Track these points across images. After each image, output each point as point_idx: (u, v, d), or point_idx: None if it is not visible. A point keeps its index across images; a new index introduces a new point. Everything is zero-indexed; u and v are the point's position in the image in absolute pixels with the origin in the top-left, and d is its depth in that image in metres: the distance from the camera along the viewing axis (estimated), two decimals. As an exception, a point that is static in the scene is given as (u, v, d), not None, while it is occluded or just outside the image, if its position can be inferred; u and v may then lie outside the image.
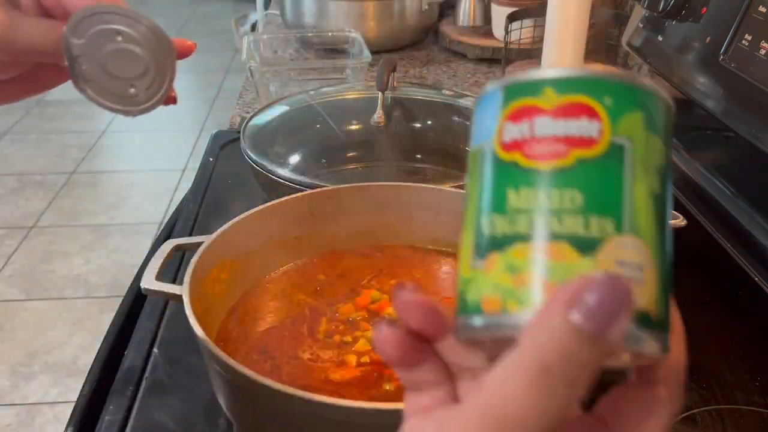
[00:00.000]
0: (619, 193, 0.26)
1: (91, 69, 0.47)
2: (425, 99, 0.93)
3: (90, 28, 0.46)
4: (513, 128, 0.26)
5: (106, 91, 0.48)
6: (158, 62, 0.47)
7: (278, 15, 1.55)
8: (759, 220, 0.79)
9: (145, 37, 0.47)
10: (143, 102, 0.48)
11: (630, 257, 0.26)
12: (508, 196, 0.26)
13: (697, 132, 0.97)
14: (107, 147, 3.22)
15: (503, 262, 0.25)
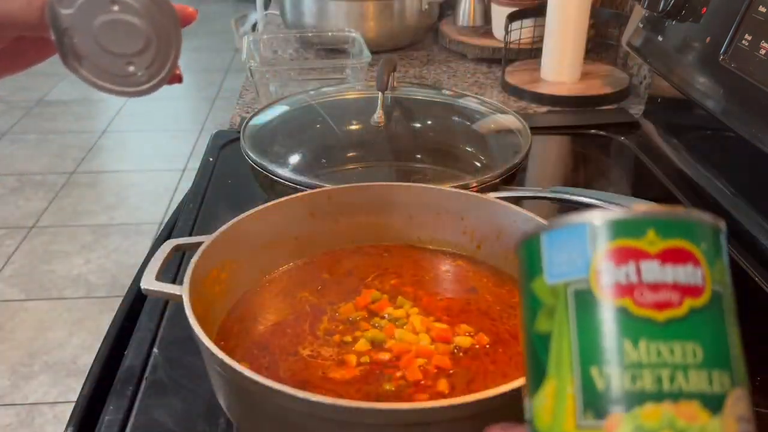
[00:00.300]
0: (727, 344, 0.26)
1: (82, 43, 0.41)
2: (425, 99, 0.93)
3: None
4: (616, 270, 0.25)
5: (101, 69, 0.43)
6: (160, 36, 0.42)
7: (278, 15, 1.55)
8: (759, 220, 0.79)
9: (144, 6, 0.41)
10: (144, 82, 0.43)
11: (745, 411, 0.26)
12: (624, 348, 0.24)
13: (697, 132, 0.97)
14: (107, 147, 3.22)
15: (631, 424, 0.23)
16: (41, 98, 3.67)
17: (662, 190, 0.90)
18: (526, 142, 0.80)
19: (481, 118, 0.88)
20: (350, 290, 0.61)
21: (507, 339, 0.55)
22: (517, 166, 0.77)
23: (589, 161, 1.03)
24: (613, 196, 0.70)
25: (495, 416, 0.44)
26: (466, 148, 0.84)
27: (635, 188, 0.94)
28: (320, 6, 1.36)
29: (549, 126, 1.07)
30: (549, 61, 1.20)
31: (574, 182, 0.95)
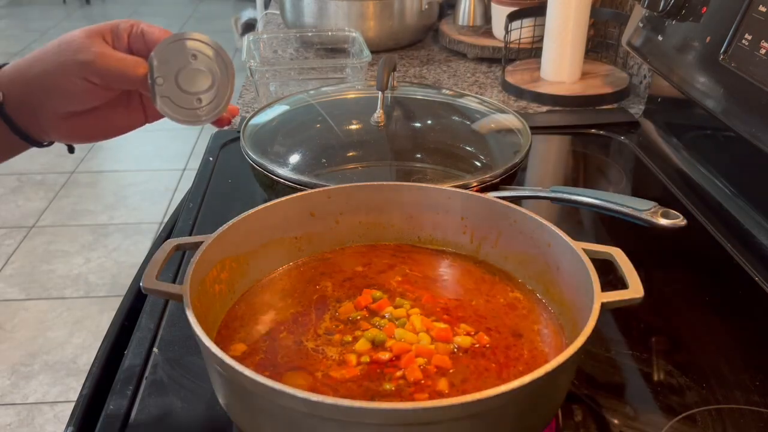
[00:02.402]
0: None
1: (167, 85, 0.54)
2: (425, 99, 0.93)
3: (170, 52, 0.55)
4: None
5: (177, 105, 0.55)
6: (221, 81, 0.56)
7: (278, 15, 1.55)
8: (759, 220, 0.79)
9: (214, 59, 0.56)
10: (204, 115, 0.55)
11: None
12: None
13: (697, 132, 0.97)
14: (107, 147, 3.22)
15: None
16: (41, 98, 3.67)
17: (662, 190, 0.90)
18: (526, 141, 0.80)
19: (481, 118, 0.88)
20: (350, 290, 0.61)
21: (507, 338, 0.55)
22: (517, 166, 0.77)
23: (589, 161, 1.03)
24: (613, 196, 0.70)
25: (495, 416, 0.44)
26: (466, 148, 0.84)
27: (635, 188, 0.94)
28: (320, 6, 1.36)
29: (549, 126, 1.07)
30: (549, 61, 1.20)
31: (574, 182, 0.95)
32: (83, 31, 0.55)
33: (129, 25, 0.57)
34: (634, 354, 0.61)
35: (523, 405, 0.45)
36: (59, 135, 0.59)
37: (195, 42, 0.55)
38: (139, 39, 0.56)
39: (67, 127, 0.58)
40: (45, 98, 0.55)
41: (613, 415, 0.54)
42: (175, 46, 0.54)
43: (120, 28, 0.57)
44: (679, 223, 0.65)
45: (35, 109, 0.56)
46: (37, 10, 5.25)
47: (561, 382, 0.48)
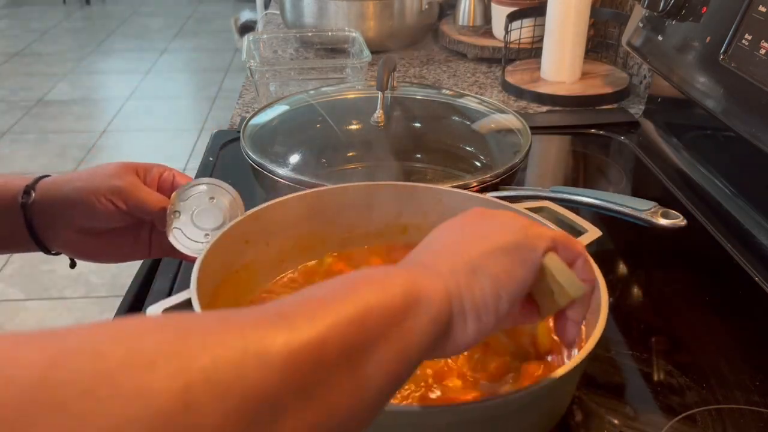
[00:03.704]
0: None
1: (183, 219, 0.60)
2: (425, 99, 0.93)
3: (192, 193, 0.61)
4: None
5: (187, 237, 0.59)
6: (231, 218, 0.60)
7: (278, 15, 1.55)
8: (759, 220, 0.79)
9: (228, 204, 0.61)
10: (202, 249, 0.57)
11: None
12: None
13: (697, 132, 0.97)
14: (107, 147, 3.22)
15: None
16: (41, 98, 3.67)
17: (662, 190, 0.90)
18: (526, 141, 0.80)
19: (481, 118, 0.88)
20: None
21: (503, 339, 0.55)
22: (517, 166, 0.77)
23: (589, 161, 1.03)
24: (613, 196, 0.70)
25: (501, 421, 0.44)
26: (466, 148, 0.84)
27: (635, 188, 0.94)
28: (320, 6, 1.36)
29: (549, 126, 1.07)
30: (549, 61, 1.20)
31: (574, 182, 0.95)
32: (120, 163, 0.62)
33: (163, 169, 0.64)
34: (634, 354, 0.61)
35: (530, 409, 0.45)
36: (68, 248, 0.63)
37: (215, 187, 0.62)
38: (167, 181, 0.63)
39: (78, 242, 0.62)
40: (69, 211, 0.60)
41: (613, 415, 0.54)
42: (197, 188, 0.61)
43: (154, 169, 0.64)
44: (679, 223, 0.65)
45: (56, 219, 0.61)
46: (37, 10, 5.25)
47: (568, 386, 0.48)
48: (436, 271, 0.37)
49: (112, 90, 3.91)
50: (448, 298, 0.37)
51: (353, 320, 0.31)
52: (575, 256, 0.43)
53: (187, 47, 4.56)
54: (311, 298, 0.32)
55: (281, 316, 0.30)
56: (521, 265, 0.40)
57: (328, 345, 0.30)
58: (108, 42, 4.64)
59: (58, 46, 4.54)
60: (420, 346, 0.34)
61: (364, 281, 0.34)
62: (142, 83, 3.94)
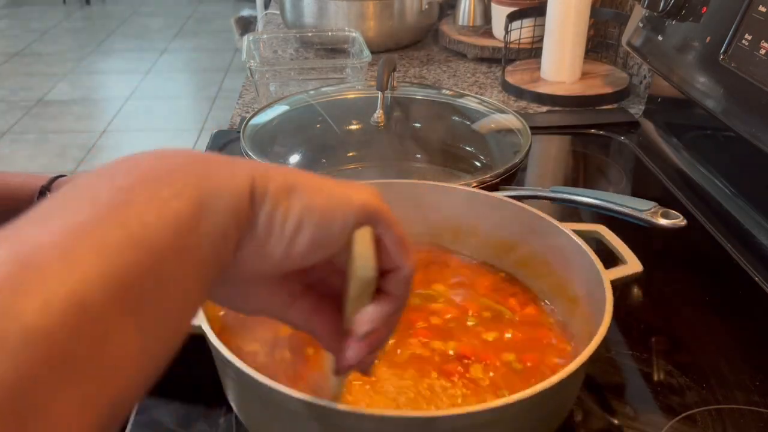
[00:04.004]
0: None
1: None
2: (425, 99, 0.93)
3: None
4: None
5: None
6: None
7: (278, 15, 1.55)
8: (759, 220, 0.79)
9: None
10: None
11: None
12: None
13: (697, 132, 0.97)
14: (107, 147, 3.22)
15: None
16: (41, 98, 3.67)
17: (662, 190, 0.90)
18: (526, 141, 0.80)
19: (481, 118, 0.88)
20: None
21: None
22: (517, 166, 0.77)
23: (589, 161, 1.03)
24: (613, 196, 0.70)
25: (506, 423, 0.44)
26: (466, 148, 0.84)
27: (635, 188, 0.94)
28: (320, 6, 1.36)
29: (549, 126, 1.07)
30: (549, 61, 1.20)
31: (574, 182, 0.95)
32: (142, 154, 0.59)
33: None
34: (634, 354, 0.61)
35: (533, 413, 0.45)
36: None
37: None
38: None
39: None
40: None
41: (613, 415, 0.54)
42: None
43: None
44: (679, 223, 0.65)
45: None
46: (37, 10, 5.25)
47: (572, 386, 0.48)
48: (249, 165, 0.32)
49: (112, 90, 3.91)
50: (252, 192, 0.31)
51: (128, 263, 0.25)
52: (399, 261, 0.37)
53: (187, 47, 4.56)
54: (64, 229, 0.25)
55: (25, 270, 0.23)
56: (339, 213, 0.34)
57: (128, 273, 0.25)
58: (108, 42, 4.65)
59: (58, 46, 4.54)
60: (218, 247, 0.29)
61: (153, 182, 0.28)
62: (142, 83, 3.94)
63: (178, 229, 0.27)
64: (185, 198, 0.28)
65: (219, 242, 0.30)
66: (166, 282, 0.27)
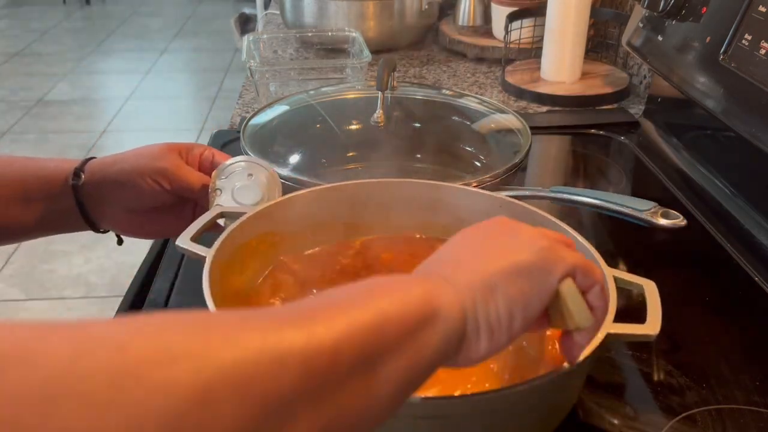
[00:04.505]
0: None
1: (224, 197, 0.62)
2: (425, 99, 0.93)
3: (232, 171, 0.63)
4: None
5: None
6: (269, 197, 0.62)
7: (278, 15, 1.55)
8: (759, 220, 0.79)
9: (266, 178, 0.64)
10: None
11: None
12: None
13: (697, 132, 0.97)
14: (107, 147, 3.22)
15: None
16: (41, 98, 3.67)
17: (662, 190, 0.90)
18: (526, 141, 0.80)
19: (481, 118, 0.88)
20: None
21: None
22: (517, 166, 0.77)
23: (589, 161, 1.03)
24: (613, 196, 0.70)
25: (494, 416, 0.44)
26: (466, 148, 0.84)
27: (635, 188, 0.94)
28: (320, 6, 1.36)
29: (549, 126, 1.07)
30: (549, 61, 1.20)
31: (574, 182, 0.95)
32: (164, 144, 0.65)
33: (203, 148, 0.67)
34: (634, 354, 0.61)
35: (523, 409, 0.45)
36: (116, 226, 0.67)
37: (253, 164, 0.64)
38: (207, 160, 0.66)
39: (125, 220, 0.66)
40: (117, 191, 0.64)
41: (613, 415, 0.54)
42: (236, 165, 0.64)
43: (194, 149, 0.66)
44: (679, 223, 0.65)
45: (105, 199, 0.64)
46: (37, 10, 5.25)
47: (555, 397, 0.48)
48: (453, 284, 0.37)
49: (112, 90, 3.91)
50: (464, 313, 0.37)
51: (370, 329, 0.32)
52: (592, 283, 0.43)
53: (187, 47, 4.56)
54: (330, 302, 0.33)
55: (300, 319, 0.30)
56: (538, 288, 0.40)
57: (344, 351, 0.30)
58: (108, 42, 4.65)
59: (58, 46, 4.54)
60: (432, 357, 0.35)
61: (383, 289, 0.35)
62: (142, 83, 3.94)
63: (409, 329, 0.33)
64: (420, 310, 0.34)
65: (433, 356, 0.35)
66: (394, 366, 0.33)
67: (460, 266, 0.39)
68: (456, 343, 0.36)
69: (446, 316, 0.35)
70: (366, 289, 0.34)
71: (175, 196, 0.64)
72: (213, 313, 0.31)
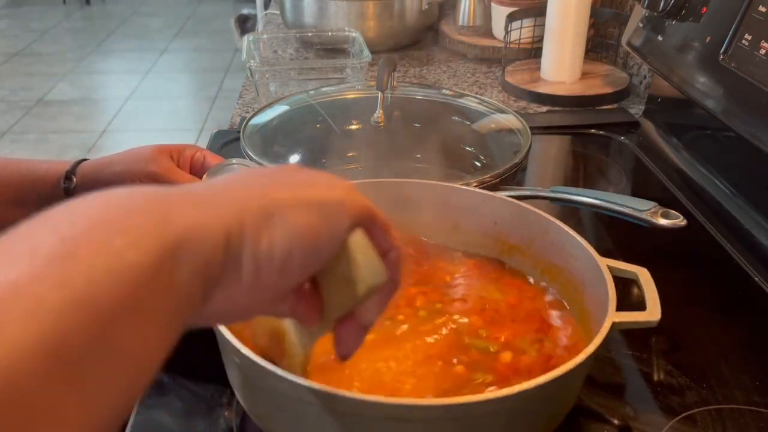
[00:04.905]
0: None
1: None
2: (425, 99, 0.93)
3: (221, 173, 0.63)
4: None
5: None
6: None
7: (278, 15, 1.55)
8: (759, 220, 0.79)
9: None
10: None
11: None
12: None
13: (697, 132, 0.97)
14: (107, 147, 3.22)
15: None
16: (41, 98, 3.67)
17: (662, 190, 0.90)
18: (526, 141, 0.80)
19: (481, 118, 0.88)
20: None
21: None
22: (517, 166, 0.77)
23: (589, 161, 1.03)
24: (613, 196, 0.70)
25: (489, 420, 0.44)
26: (466, 148, 0.84)
27: (635, 188, 0.94)
28: (320, 6, 1.36)
29: (549, 126, 1.07)
30: (549, 61, 1.20)
31: (574, 182, 0.95)
32: (156, 147, 0.64)
33: (195, 150, 0.66)
34: (634, 354, 0.61)
35: (518, 411, 0.45)
36: None
37: (243, 167, 0.65)
38: (199, 162, 0.65)
39: None
40: None
41: (613, 415, 0.54)
42: (226, 168, 0.64)
43: (186, 151, 0.66)
44: (679, 223, 0.65)
45: None
46: (37, 10, 5.25)
47: (564, 391, 0.48)
48: (216, 202, 0.29)
49: (112, 90, 3.91)
50: (227, 239, 0.28)
51: (72, 315, 0.22)
52: (389, 246, 0.37)
53: (187, 47, 4.56)
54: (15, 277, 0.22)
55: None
56: (327, 228, 0.32)
57: (70, 339, 0.22)
58: (108, 42, 4.65)
59: (58, 46, 4.54)
60: (181, 303, 0.26)
61: (103, 230, 0.25)
62: (142, 83, 3.94)
63: (132, 285, 0.24)
64: (143, 248, 0.25)
65: (183, 298, 0.26)
66: (118, 345, 0.23)
67: (231, 187, 0.32)
68: (212, 279, 0.28)
69: (199, 242, 0.27)
70: (77, 232, 0.24)
71: None
72: None
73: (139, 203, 0.26)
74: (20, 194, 0.64)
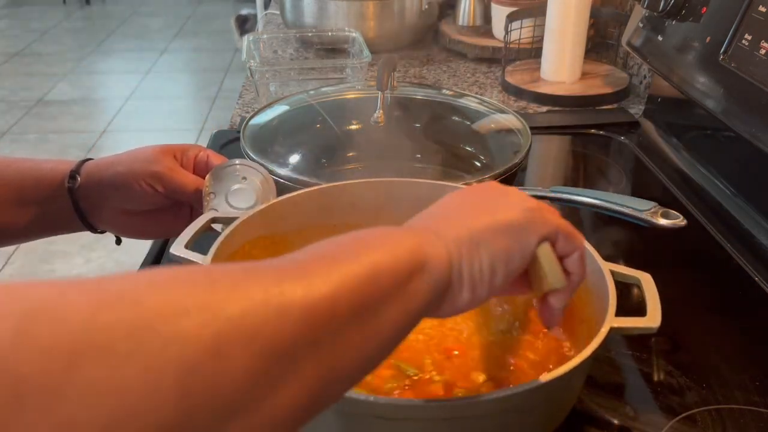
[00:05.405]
0: None
1: (218, 200, 0.61)
2: (425, 99, 0.93)
3: (225, 174, 0.63)
4: None
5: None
6: (263, 200, 0.62)
7: (278, 15, 1.55)
8: (759, 220, 0.79)
9: (260, 182, 0.63)
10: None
11: None
12: None
13: (697, 132, 0.97)
14: (107, 147, 3.22)
15: None
16: (41, 98, 3.68)
17: (662, 190, 0.90)
18: (526, 141, 0.80)
19: (481, 118, 0.88)
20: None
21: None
22: (517, 166, 0.77)
23: (589, 161, 1.04)
24: (613, 196, 0.70)
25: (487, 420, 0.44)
26: (466, 148, 0.84)
27: (635, 188, 0.94)
28: (320, 6, 1.36)
29: (549, 126, 1.07)
30: (549, 61, 1.20)
31: (574, 182, 0.95)
32: (159, 147, 0.65)
33: (198, 150, 0.67)
34: (634, 354, 0.61)
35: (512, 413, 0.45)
36: (113, 227, 0.68)
37: (247, 167, 0.64)
38: (202, 162, 0.66)
39: (122, 222, 0.67)
40: (113, 194, 0.64)
41: (613, 415, 0.54)
42: (230, 169, 0.63)
43: (190, 151, 0.66)
44: (679, 223, 0.65)
45: (101, 201, 0.65)
46: (37, 10, 5.25)
47: (558, 395, 0.48)
48: (441, 237, 0.39)
49: (112, 90, 3.91)
50: (450, 265, 0.38)
51: (364, 279, 0.33)
52: (572, 249, 0.45)
53: (187, 47, 4.56)
54: (326, 254, 0.34)
55: (298, 271, 0.32)
56: (519, 247, 0.41)
57: (341, 302, 0.31)
58: (108, 42, 4.65)
59: (58, 46, 4.54)
60: (420, 306, 0.36)
61: (377, 242, 0.36)
62: (142, 83, 3.94)
63: (401, 278, 0.35)
64: (412, 259, 0.36)
65: (422, 300, 0.36)
66: (383, 316, 0.34)
67: (449, 221, 0.41)
68: (442, 293, 0.38)
69: (434, 267, 0.37)
70: (359, 241, 0.36)
71: (170, 198, 0.64)
72: (216, 266, 0.33)
73: (408, 236, 0.39)
74: (23, 194, 0.64)
